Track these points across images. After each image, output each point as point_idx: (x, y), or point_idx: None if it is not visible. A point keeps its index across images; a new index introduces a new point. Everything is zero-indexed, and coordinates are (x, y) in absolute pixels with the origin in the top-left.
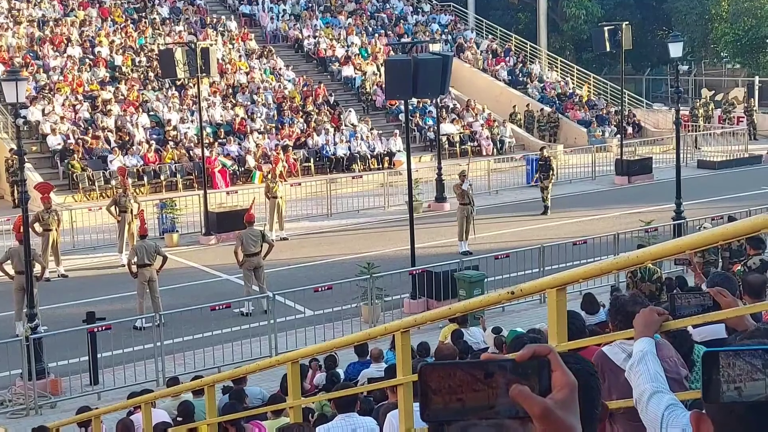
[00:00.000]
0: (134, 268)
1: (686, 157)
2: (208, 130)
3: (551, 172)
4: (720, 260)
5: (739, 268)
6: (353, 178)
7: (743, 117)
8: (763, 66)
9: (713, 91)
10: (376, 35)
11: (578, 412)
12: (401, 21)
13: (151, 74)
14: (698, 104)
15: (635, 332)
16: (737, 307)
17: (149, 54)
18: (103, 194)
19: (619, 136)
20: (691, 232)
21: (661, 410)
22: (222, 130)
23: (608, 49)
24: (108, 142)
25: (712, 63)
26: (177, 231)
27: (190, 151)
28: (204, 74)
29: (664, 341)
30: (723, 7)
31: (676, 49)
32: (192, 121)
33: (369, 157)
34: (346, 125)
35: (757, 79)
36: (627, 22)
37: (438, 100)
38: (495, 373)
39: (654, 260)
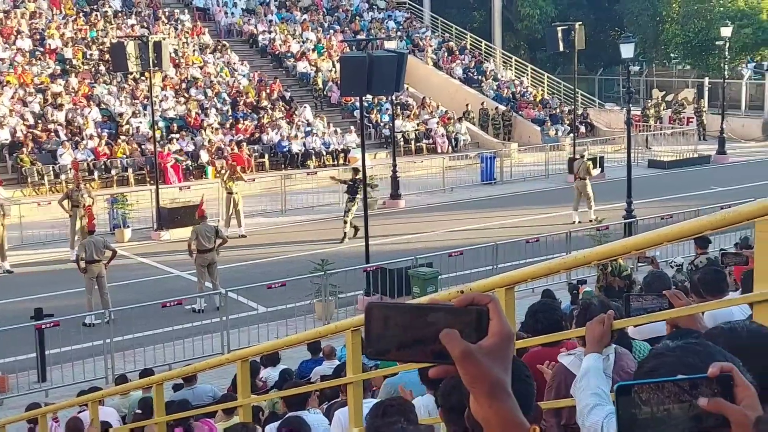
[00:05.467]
0: (82, 264)
1: (637, 157)
2: (161, 124)
3: (357, 194)
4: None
5: (687, 266)
6: (308, 174)
7: (693, 117)
8: (712, 68)
9: (664, 92)
10: (332, 31)
11: (509, 366)
12: (357, 18)
13: (102, 68)
14: (649, 104)
15: (586, 346)
16: (688, 307)
17: (101, 47)
18: (53, 189)
19: (572, 134)
20: (642, 231)
21: (601, 418)
22: (175, 124)
23: (562, 48)
24: (58, 135)
25: (663, 64)
26: (128, 226)
27: (142, 146)
28: (156, 68)
29: (624, 351)
30: (674, 9)
31: (627, 50)
32: (144, 116)
33: (324, 154)
34: (301, 121)
35: (706, 80)
36: (580, 23)
37: (393, 97)
38: (432, 316)
39: (601, 260)
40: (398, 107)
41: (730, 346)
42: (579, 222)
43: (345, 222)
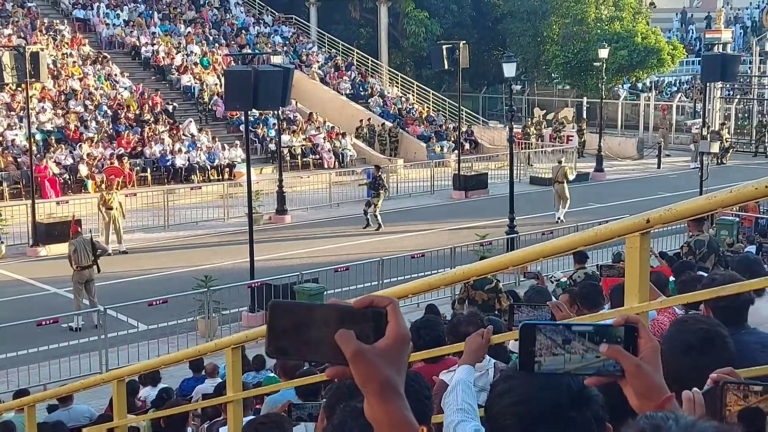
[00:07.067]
0: None
1: (519, 173)
2: (38, 137)
3: (382, 190)
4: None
5: (564, 279)
6: (192, 189)
7: (572, 136)
8: (590, 88)
9: (545, 111)
10: (217, 45)
11: (402, 368)
12: (243, 32)
13: None
14: (530, 123)
15: (461, 357)
16: (566, 321)
17: None
18: None
19: (456, 151)
20: (524, 246)
21: None
22: (53, 137)
23: (446, 66)
24: None
25: (544, 83)
26: (2, 242)
27: (18, 159)
28: (33, 79)
29: (503, 366)
30: (554, 31)
31: (509, 69)
32: (20, 128)
33: (209, 168)
34: (185, 135)
35: (585, 99)
36: (464, 42)
37: (280, 112)
38: (331, 317)
39: (478, 276)
40: (285, 122)
41: None
42: (562, 220)
43: (371, 213)
